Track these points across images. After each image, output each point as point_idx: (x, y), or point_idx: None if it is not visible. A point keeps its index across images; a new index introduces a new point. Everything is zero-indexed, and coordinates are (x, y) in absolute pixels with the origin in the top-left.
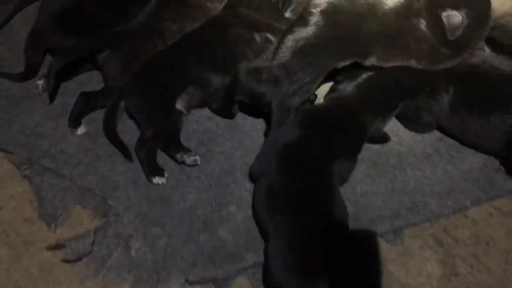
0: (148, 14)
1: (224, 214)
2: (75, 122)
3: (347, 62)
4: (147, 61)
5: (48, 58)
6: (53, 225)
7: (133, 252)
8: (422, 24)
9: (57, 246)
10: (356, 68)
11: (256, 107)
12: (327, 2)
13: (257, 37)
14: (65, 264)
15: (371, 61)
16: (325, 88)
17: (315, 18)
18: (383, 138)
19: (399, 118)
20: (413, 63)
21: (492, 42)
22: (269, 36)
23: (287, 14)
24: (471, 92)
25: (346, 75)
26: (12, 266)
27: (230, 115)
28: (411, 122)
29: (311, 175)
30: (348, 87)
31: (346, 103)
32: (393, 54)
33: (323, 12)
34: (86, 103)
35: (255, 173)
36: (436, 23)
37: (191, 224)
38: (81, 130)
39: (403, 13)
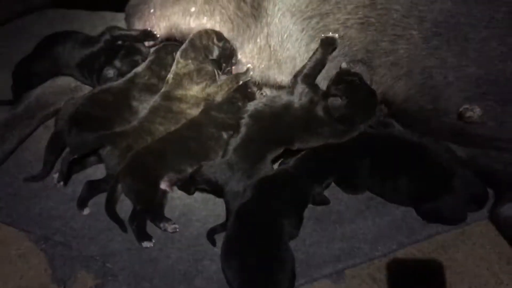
0: (142, 119)
1: (200, 268)
2: (82, 204)
3: (279, 150)
4: (137, 152)
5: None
6: (63, 287)
7: None
8: (320, 111)
9: None
10: None
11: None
12: (253, 108)
13: (224, 135)
14: None
15: (297, 145)
16: None
17: (245, 121)
18: (323, 201)
19: (337, 184)
20: (326, 141)
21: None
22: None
23: None
24: (384, 157)
25: None
26: None
27: (189, 193)
28: (346, 187)
29: (263, 228)
30: (291, 161)
31: (288, 173)
32: (309, 138)
33: (250, 116)
34: (90, 189)
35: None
36: (326, 108)
37: (173, 277)
38: (86, 211)
39: (307, 107)
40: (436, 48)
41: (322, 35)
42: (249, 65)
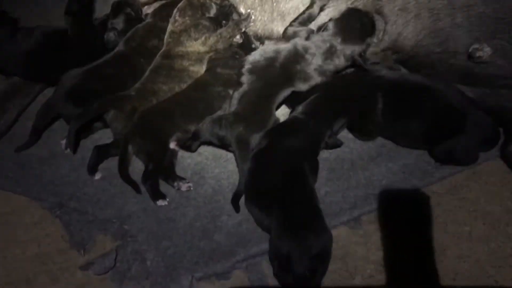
0: (144, 80)
1: (218, 223)
2: (92, 170)
3: (283, 93)
4: (144, 112)
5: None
6: (82, 251)
7: (148, 263)
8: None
9: (87, 265)
10: None
11: (221, 147)
12: (250, 63)
13: (231, 92)
14: (95, 278)
15: (300, 85)
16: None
17: (246, 76)
18: (335, 144)
19: (350, 130)
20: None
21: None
22: None
23: None
24: (395, 101)
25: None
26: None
27: (191, 151)
28: (357, 132)
29: (287, 167)
30: (299, 107)
31: (298, 118)
32: (309, 76)
33: (249, 70)
34: (99, 154)
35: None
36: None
37: (192, 234)
38: (98, 176)
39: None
40: None
41: None
42: (249, 10)
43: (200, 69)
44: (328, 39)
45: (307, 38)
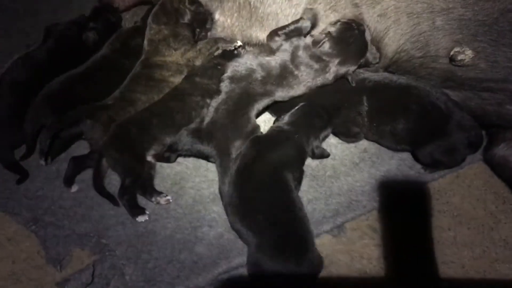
0: (122, 89)
1: (199, 235)
2: (69, 182)
3: (264, 102)
4: (120, 124)
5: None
6: (59, 267)
7: (127, 278)
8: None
9: (64, 282)
10: None
11: (201, 158)
12: (231, 71)
13: (209, 102)
14: None
15: (280, 95)
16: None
17: (225, 83)
18: (322, 154)
19: (334, 133)
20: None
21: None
22: None
23: None
24: (380, 102)
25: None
26: None
27: (170, 162)
28: (343, 135)
29: (271, 181)
30: (285, 117)
31: (283, 128)
32: (290, 86)
33: (230, 78)
34: (76, 165)
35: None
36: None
37: (172, 247)
38: (74, 188)
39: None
40: None
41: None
42: (238, 42)
43: (179, 81)
44: (323, 59)
45: (294, 53)
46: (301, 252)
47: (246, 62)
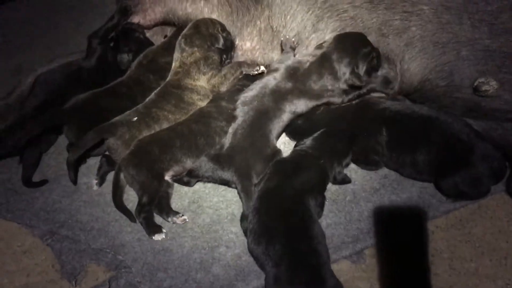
0: (149, 103)
1: (216, 255)
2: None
3: (279, 120)
4: (142, 141)
5: None
6: (73, 282)
7: None
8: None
9: None
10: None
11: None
12: (243, 97)
13: None
14: None
15: (290, 109)
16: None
17: (239, 108)
18: (344, 180)
19: (354, 161)
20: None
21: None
22: None
23: None
24: (400, 133)
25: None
26: None
27: (189, 186)
28: (362, 163)
29: (293, 208)
30: (307, 141)
31: (306, 152)
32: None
33: (241, 102)
34: (108, 163)
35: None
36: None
37: (189, 266)
38: (95, 186)
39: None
40: (448, 23)
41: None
42: (261, 68)
43: None
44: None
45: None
46: (318, 285)
47: (254, 85)
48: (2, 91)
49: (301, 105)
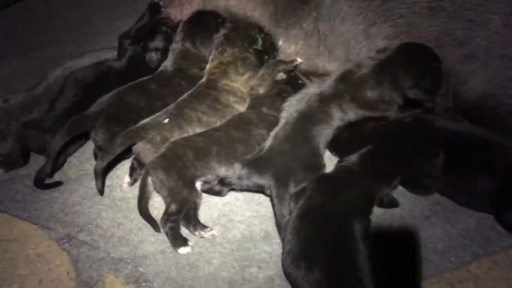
0: (182, 104)
1: (247, 276)
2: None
3: (326, 127)
4: (175, 143)
5: None
6: None
7: None
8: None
9: None
10: None
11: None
12: (290, 99)
13: None
14: None
15: (340, 116)
16: None
17: (284, 111)
18: (392, 203)
19: (403, 183)
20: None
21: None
22: None
23: None
24: (458, 156)
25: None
26: None
27: (221, 196)
28: (413, 186)
29: (337, 232)
30: (353, 157)
31: (352, 170)
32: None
33: (288, 105)
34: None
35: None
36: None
37: (216, 286)
38: (127, 182)
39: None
40: None
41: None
42: (298, 60)
43: (242, 109)
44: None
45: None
46: None
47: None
48: (31, 83)
49: (351, 113)
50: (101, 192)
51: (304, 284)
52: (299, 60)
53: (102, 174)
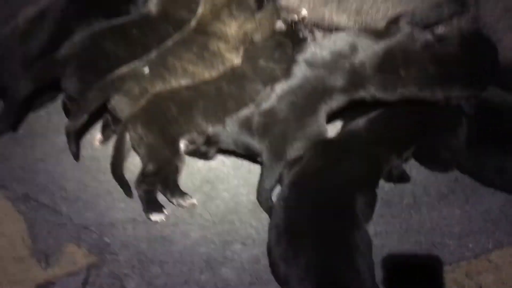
0: (163, 53)
1: (228, 253)
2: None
3: (338, 100)
4: (156, 96)
5: None
6: (44, 263)
7: None
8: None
9: (47, 284)
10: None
11: (246, 156)
12: (311, 53)
13: None
14: None
15: (366, 92)
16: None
17: (300, 67)
18: (402, 177)
19: (416, 157)
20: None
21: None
22: None
23: None
24: (486, 127)
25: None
26: None
27: (207, 159)
28: (428, 160)
29: (333, 204)
30: (360, 122)
31: (359, 135)
32: (384, 86)
33: (308, 62)
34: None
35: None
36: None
37: (192, 263)
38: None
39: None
40: None
41: None
42: (303, 11)
43: (235, 59)
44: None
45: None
46: None
47: (331, 43)
48: None
49: (388, 96)
50: (75, 156)
51: (284, 268)
52: (305, 11)
53: (75, 136)
